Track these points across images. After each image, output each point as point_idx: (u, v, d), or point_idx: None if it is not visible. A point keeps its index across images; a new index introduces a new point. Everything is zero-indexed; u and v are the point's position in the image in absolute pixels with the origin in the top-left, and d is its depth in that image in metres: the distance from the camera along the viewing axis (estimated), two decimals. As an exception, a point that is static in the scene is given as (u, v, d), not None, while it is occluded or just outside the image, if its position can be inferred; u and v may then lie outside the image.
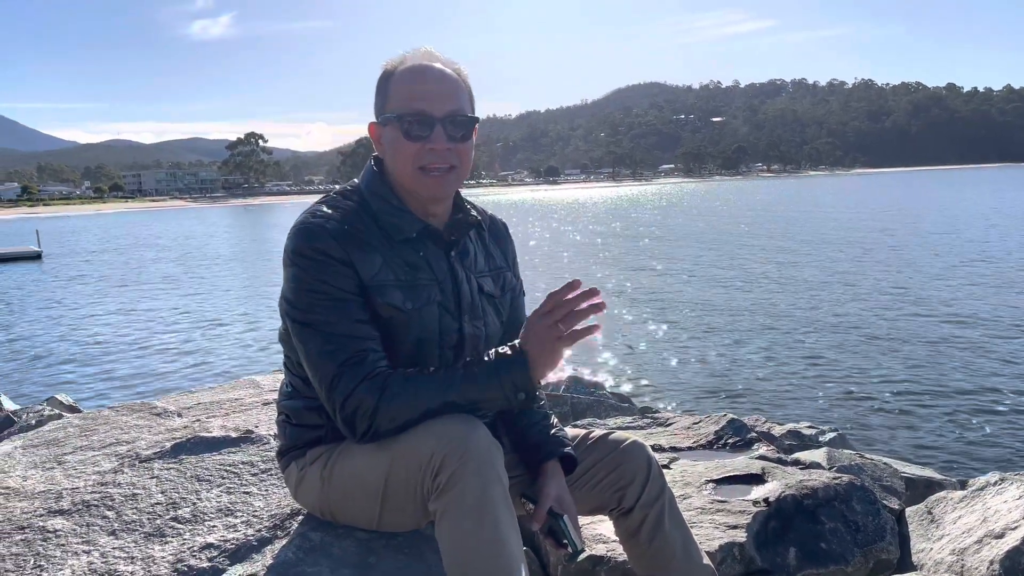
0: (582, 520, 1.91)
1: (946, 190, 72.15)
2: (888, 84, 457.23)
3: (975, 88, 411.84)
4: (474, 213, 1.88)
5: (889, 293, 14.79)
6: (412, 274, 1.71)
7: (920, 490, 3.38)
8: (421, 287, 1.72)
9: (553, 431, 1.88)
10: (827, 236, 28.32)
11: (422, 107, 1.66)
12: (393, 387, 1.59)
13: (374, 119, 1.77)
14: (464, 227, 1.84)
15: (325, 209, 1.70)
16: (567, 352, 1.59)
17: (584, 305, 1.53)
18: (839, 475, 2.71)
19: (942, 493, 2.97)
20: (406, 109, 1.67)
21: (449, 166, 1.70)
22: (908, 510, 2.94)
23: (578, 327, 1.54)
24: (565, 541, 1.74)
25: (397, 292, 1.68)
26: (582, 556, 2.20)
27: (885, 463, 3.33)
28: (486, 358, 1.64)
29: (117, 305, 18.32)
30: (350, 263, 1.64)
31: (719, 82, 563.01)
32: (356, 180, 1.82)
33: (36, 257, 32.16)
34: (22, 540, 1.96)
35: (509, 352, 1.62)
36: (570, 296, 1.54)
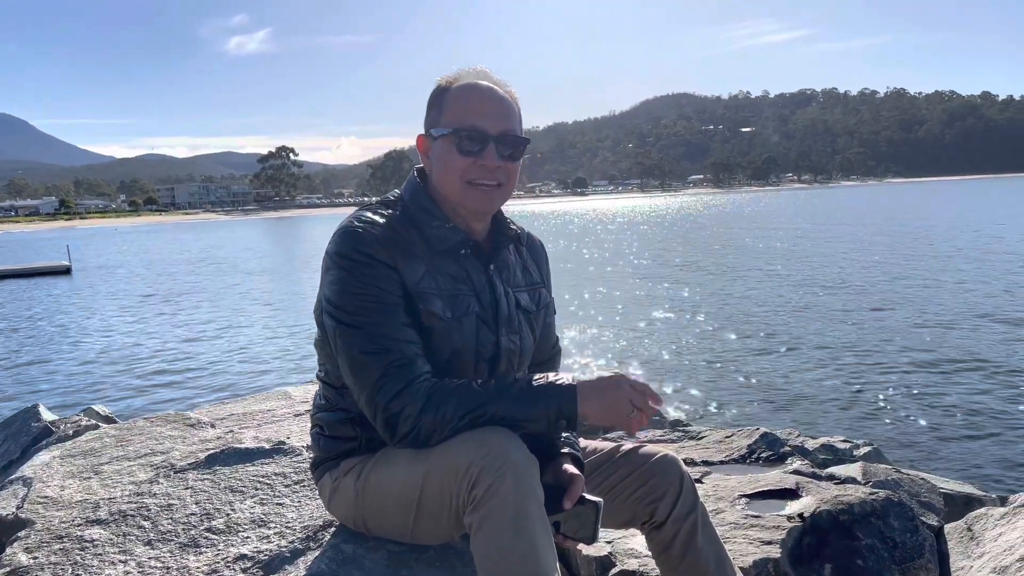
0: (616, 533, 1.90)
1: (987, 200, 70.65)
2: (921, 93, 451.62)
3: (1011, 96, 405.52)
4: (514, 227, 1.90)
5: (925, 306, 14.53)
6: (452, 284, 1.73)
7: (959, 506, 3.30)
8: (460, 298, 1.73)
9: (565, 434, 1.84)
10: (865, 245, 27.93)
11: (477, 123, 1.69)
12: (439, 394, 1.59)
13: (423, 131, 1.79)
14: (504, 241, 1.86)
15: (369, 215, 1.73)
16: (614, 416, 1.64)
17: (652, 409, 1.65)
18: (875, 490, 2.66)
19: (982, 510, 2.90)
20: (461, 124, 1.70)
21: (497, 183, 1.73)
22: (947, 527, 2.88)
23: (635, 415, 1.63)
24: (593, 526, 1.65)
25: (438, 301, 1.70)
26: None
27: (923, 478, 3.26)
28: (535, 380, 1.63)
29: (147, 318, 18.54)
30: (395, 268, 1.66)
31: (748, 92, 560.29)
32: (397, 191, 1.85)
33: (66, 271, 32.76)
34: (60, 549, 1.99)
35: (564, 381, 1.62)
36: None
